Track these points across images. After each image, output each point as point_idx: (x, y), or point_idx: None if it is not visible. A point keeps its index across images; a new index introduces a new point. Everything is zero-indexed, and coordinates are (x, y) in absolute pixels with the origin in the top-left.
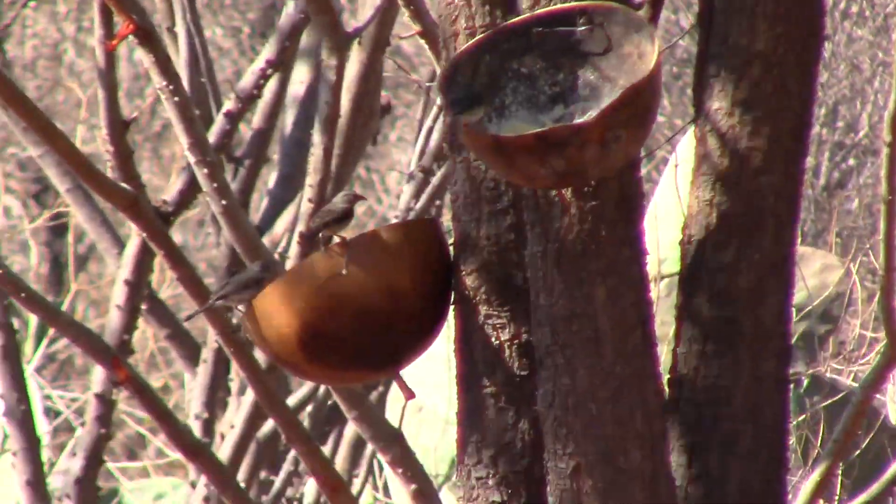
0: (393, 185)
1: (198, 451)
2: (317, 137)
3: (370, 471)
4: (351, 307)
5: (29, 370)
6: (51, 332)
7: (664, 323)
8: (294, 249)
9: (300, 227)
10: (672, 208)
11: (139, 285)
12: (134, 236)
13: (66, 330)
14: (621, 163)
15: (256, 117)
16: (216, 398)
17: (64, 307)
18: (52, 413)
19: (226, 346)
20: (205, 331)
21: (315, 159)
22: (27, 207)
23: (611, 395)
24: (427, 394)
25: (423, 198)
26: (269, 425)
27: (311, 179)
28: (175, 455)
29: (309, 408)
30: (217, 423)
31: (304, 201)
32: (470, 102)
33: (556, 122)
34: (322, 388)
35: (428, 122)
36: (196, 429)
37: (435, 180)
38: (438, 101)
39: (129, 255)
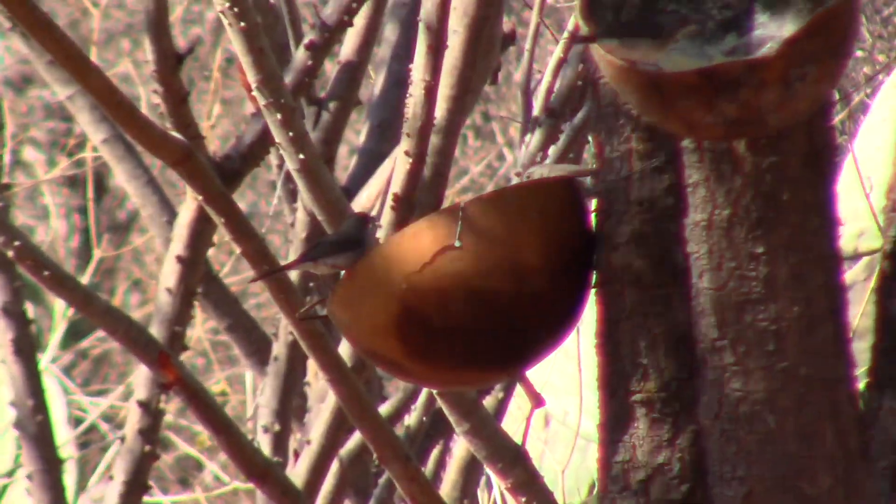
0: (518, 137)
1: (266, 474)
2: (416, 73)
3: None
4: (464, 289)
5: (53, 370)
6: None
7: (863, 314)
8: (388, 216)
9: (395, 188)
10: (873, 166)
11: (195, 263)
12: (189, 200)
13: (100, 319)
14: (808, 107)
15: (345, 47)
16: (289, 406)
17: (102, 292)
18: (79, 423)
19: (302, 338)
20: (275, 321)
21: (414, 101)
22: (52, 163)
23: (794, 403)
24: (558, 401)
25: (554, 151)
26: (355, 440)
27: (410, 127)
28: (235, 483)
29: (408, 418)
30: (291, 437)
31: (400, 155)
32: (617, 29)
33: (726, 55)
34: (424, 393)
35: (558, 53)
36: (265, 444)
37: (569, 129)
38: (575, 27)
39: (182, 223)
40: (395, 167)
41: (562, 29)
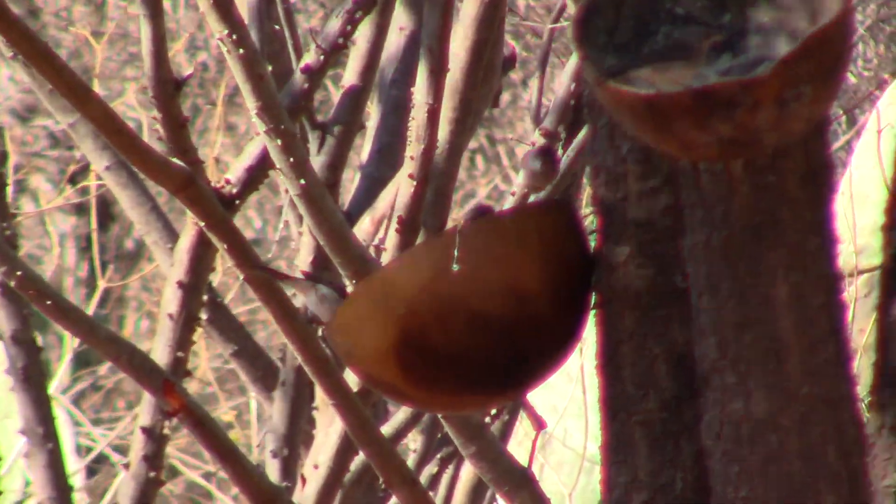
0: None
1: (273, 501)
2: (419, 97)
3: None
4: (463, 313)
5: (62, 400)
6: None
7: (862, 330)
8: (393, 239)
9: (399, 212)
10: (872, 185)
11: (196, 288)
12: (188, 225)
13: (104, 347)
14: (804, 127)
15: (348, 72)
16: (298, 431)
17: (111, 321)
18: (88, 453)
19: (306, 363)
20: (282, 348)
21: (417, 124)
22: (60, 192)
23: (796, 422)
24: (561, 423)
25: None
26: (357, 463)
27: (413, 150)
28: None
29: (416, 444)
30: (300, 462)
31: (403, 178)
32: (611, 52)
33: (721, 75)
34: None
35: (564, 77)
36: (273, 469)
37: (570, 150)
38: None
39: (181, 249)
40: (399, 190)
41: (568, 51)
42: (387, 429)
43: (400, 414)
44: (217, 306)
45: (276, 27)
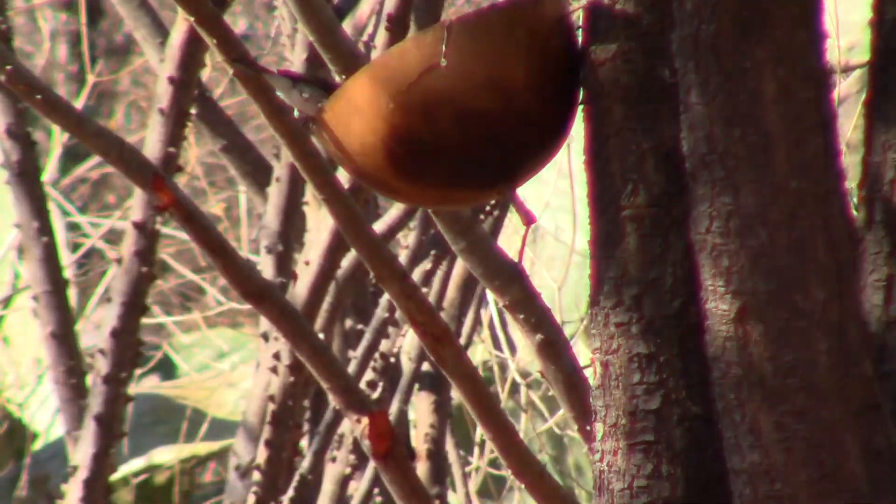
0: None
1: (263, 294)
2: None
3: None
4: (451, 108)
5: (53, 193)
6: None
7: (855, 127)
8: (382, 37)
9: (389, 9)
10: None
11: (187, 84)
12: (179, 21)
13: (93, 141)
14: None
15: None
16: (292, 227)
17: (101, 115)
18: (78, 249)
19: (297, 158)
20: (275, 143)
21: None
22: None
23: (784, 216)
24: (551, 218)
25: None
26: (350, 260)
27: None
28: (231, 304)
29: (410, 239)
30: (294, 258)
31: None
32: None
33: None
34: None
35: None
36: (268, 265)
37: None
38: None
39: (173, 45)
40: None
41: None
42: (379, 225)
43: (393, 210)
44: (206, 101)
45: None
